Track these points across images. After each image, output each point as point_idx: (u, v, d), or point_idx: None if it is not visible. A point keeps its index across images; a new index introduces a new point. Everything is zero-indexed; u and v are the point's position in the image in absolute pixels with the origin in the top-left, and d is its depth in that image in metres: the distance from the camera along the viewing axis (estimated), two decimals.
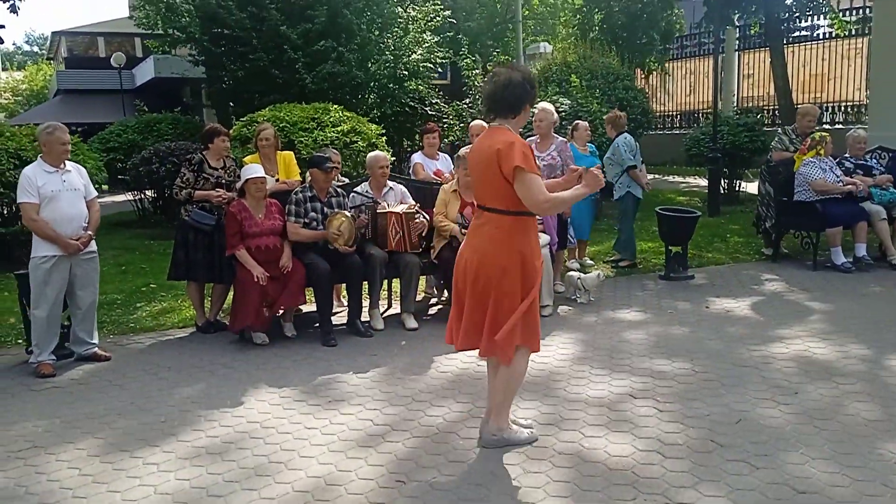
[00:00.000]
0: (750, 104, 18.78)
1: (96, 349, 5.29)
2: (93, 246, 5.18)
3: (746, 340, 5.18)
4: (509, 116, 3.51)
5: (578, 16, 21.17)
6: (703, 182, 13.01)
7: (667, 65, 20.91)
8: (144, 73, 27.69)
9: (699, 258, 7.97)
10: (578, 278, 6.44)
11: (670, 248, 7.21)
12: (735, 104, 19.02)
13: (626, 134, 7.72)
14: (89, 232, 5.13)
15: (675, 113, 21.21)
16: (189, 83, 23.57)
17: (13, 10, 15.93)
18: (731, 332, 5.39)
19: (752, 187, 12.12)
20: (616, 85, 12.97)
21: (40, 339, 5.00)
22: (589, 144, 7.69)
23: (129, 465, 3.60)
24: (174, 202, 5.94)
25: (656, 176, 17.30)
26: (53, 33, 37.60)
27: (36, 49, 66.89)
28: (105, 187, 10.00)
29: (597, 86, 12.59)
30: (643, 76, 20.33)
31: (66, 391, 4.68)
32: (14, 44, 69.59)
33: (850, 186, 7.18)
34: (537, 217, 3.83)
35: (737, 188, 12.48)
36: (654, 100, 21.08)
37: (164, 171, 10.86)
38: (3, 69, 51.97)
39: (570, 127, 7.69)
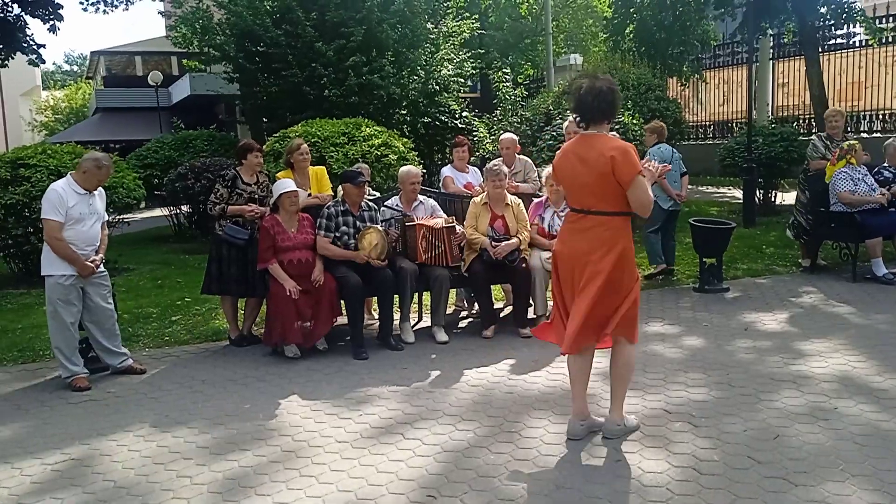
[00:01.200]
0: (785, 113, 18.52)
1: (131, 362, 5.37)
2: (102, 267, 5.25)
3: (784, 355, 5.08)
4: (604, 123, 3.72)
5: (610, 27, 21.10)
6: (738, 193, 12.82)
7: (692, 77, 20.71)
8: (181, 90, 28.23)
9: (734, 270, 7.84)
10: None
11: (705, 260, 7.11)
12: (770, 114, 18.77)
13: (662, 144, 7.63)
14: (101, 255, 5.22)
15: (708, 123, 20.98)
16: (224, 100, 23.94)
17: (52, 30, 16.43)
18: (767, 346, 5.29)
19: (788, 198, 11.93)
20: (648, 96, 12.89)
21: (65, 354, 5.07)
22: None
23: (164, 479, 3.63)
24: (209, 217, 6.03)
25: (690, 187, 17.10)
26: (92, 53, 38.54)
27: (75, 68, 68.66)
28: (143, 203, 10.17)
29: (628, 97, 12.51)
30: (680, 85, 20.15)
31: (103, 404, 4.76)
32: (54, 63, 71.59)
33: (879, 197, 7.01)
34: None
35: (772, 199, 12.28)
36: (688, 110, 20.88)
37: (200, 187, 11.04)
38: (44, 88, 53.39)
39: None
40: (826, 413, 4.03)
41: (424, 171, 11.86)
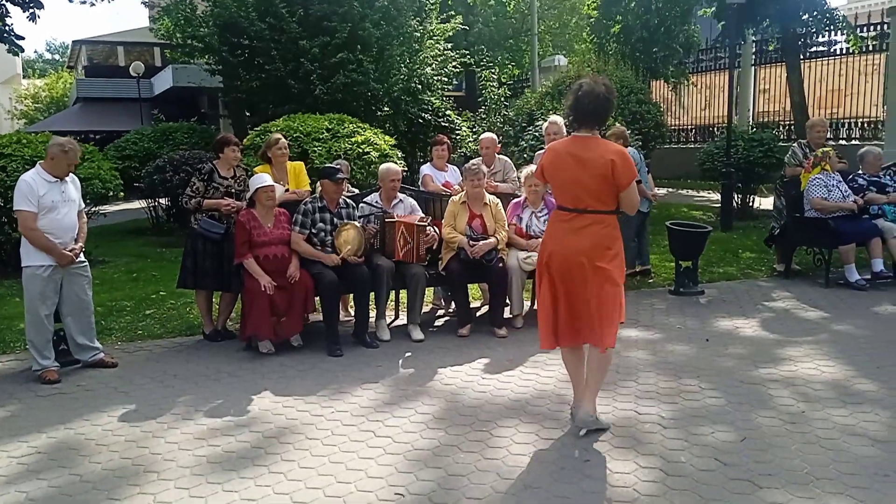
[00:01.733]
0: (766, 119, 18.68)
1: (102, 355, 5.32)
2: (81, 255, 5.19)
3: (755, 359, 5.12)
4: (595, 127, 3.83)
5: (595, 28, 21.19)
6: (717, 197, 12.94)
7: (682, 79, 20.85)
8: (163, 82, 27.93)
9: (710, 273, 7.91)
10: None
11: (680, 263, 7.16)
12: (751, 119, 18.94)
13: (630, 148, 7.68)
14: (80, 244, 5.16)
15: (690, 127, 21.13)
16: (206, 93, 23.76)
17: (32, 18, 16.20)
18: (739, 350, 5.33)
19: (766, 203, 12.05)
20: (630, 98, 12.95)
21: (37, 346, 5.01)
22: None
23: (129, 474, 3.60)
24: (186, 211, 5.98)
25: (670, 190, 17.25)
26: (74, 42, 38.09)
27: (57, 57, 67.84)
28: (122, 194, 10.06)
29: None
30: (669, 88, 20.27)
31: (72, 397, 4.70)
32: (35, 52, 70.68)
33: (850, 204, 7.10)
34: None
35: (750, 203, 12.39)
36: (669, 114, 21.02)
37: (178, 180, 10.94)
38: (25, 77, 52.71)
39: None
40: (794, 417, 4.07)
41: (406, 169, 11.83)
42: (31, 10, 15.98)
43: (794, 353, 5.22)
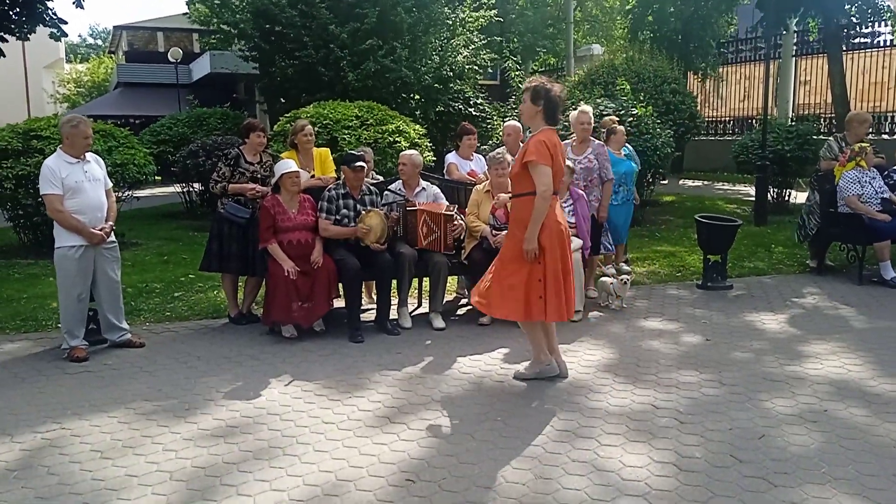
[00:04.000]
0: (806, 111, 18.28)
1: (129, 336, 5.43)
2: (111, 235, 5.28)
3: (780, 355, 5.04)
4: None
5: (630, 17, 20.90)
6: (752, 190, 12.71)
7: (721, 69, 20.49)
8: (201, 68, 28.30)
9: (740, 268, 7.78)
10: (611, 283, 6.34)
11: (709, 256, 7.06)
12: (791, 111, 18.54)
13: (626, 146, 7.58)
14: (110, 223, 5.25)
15: (728, 118, 20.77)
16: (242, 79, 24.03)
17: (78, 5, 16.48)
18: (764, 346, 5.25)
19: (802, 197, 11.79)
20: (663, 88, 12.77)
21: (70, 326, 5.13)
22: (626, 147, 7.51)
23: (150, 451, 3.68)
24: (215, 195, 6.06)
25: (705, 183, 16.98)
26: (115, 27, 38.70)
27: (99, 42, 69.01)
28: (153, 178, 10.23)
29: (643, 89, 12.39)
30: (698, 80, 19.94)
31: (98, 375, 4.82)
32: (79, 36, 71.99)
33: (882, 215, 6.89)
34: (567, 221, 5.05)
35: (786, 197, 12.15)
36: (707, 105, 20.68)
37: (211, 165, 11.04)
38: (68, 61, 53.71)
39: (603, 130, 7.55)
40: (815, 415, 4.00)
41: (435, 158, 11.82)
42: None
43: (820, 350, 5.12)
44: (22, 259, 8.74)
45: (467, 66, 15.72)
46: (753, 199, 11.79)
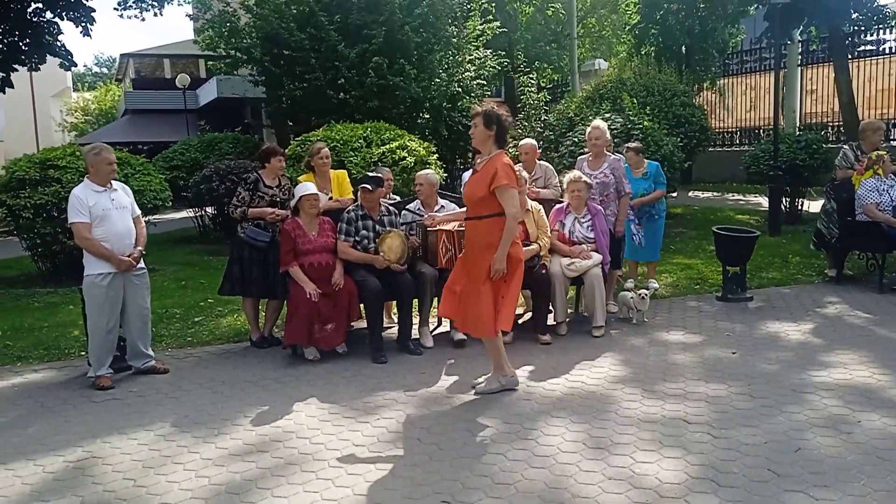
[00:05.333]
0: (813, 120, 18.28)
1: (154, 362, 5.44)
2: (142, 262, 5.32)
3: (807, 365, 5.00)
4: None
5: (635, 31, 21.00)
6: (763, 200, 12.70)
7: (726, 80, 20.55)
8: (208, 93, 28.50)
9: (758, 279, 7.74)
10: (631, 298, 6.33)
11: (728, 268, 7.03)
12: (798, 121, 18.55)
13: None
14: (139, 248, 5.28)
15: (734, 129, 20.78)
16: (250, 103, 24.16)
17: (86, 33, 16.69)
18: (790, 357, 5.21)
19: (815, 206, 11.76)
20: (673, 101, 12.79)
21: (97, 355, 5.14)
22: (650, 163, 7.44)
23: (181, 478, 3.67)
24: (232, 220, 6.09)
25: (715, 194, 16.97)
26: (122, 55, 39.09)
27: (105, 70, 69.66)
28: (169, 204, 10.29)
29: (653, 102, 12.42)
30: (702, 91, 19.99)
31: (124, 403, 4.82)
32: (85, 65, 72.65)
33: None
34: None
35: (798, 207, 12.12)
36: (714, 116, 20.71)
37: (224, 189, 11.16)
38: (75, 90, 54.23)
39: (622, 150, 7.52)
40: (849, 426, 3.96)
41: (447, 175, 11.85)
42: (83, 25, 16.48)
43: (847, 359, 5.08)
44: (41, 288, 8.78)
45: (474, 81, 15.78)
46: (765, 209, 11.78)
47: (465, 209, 4.93)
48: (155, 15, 18.20)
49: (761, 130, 19.31)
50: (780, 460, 3.58)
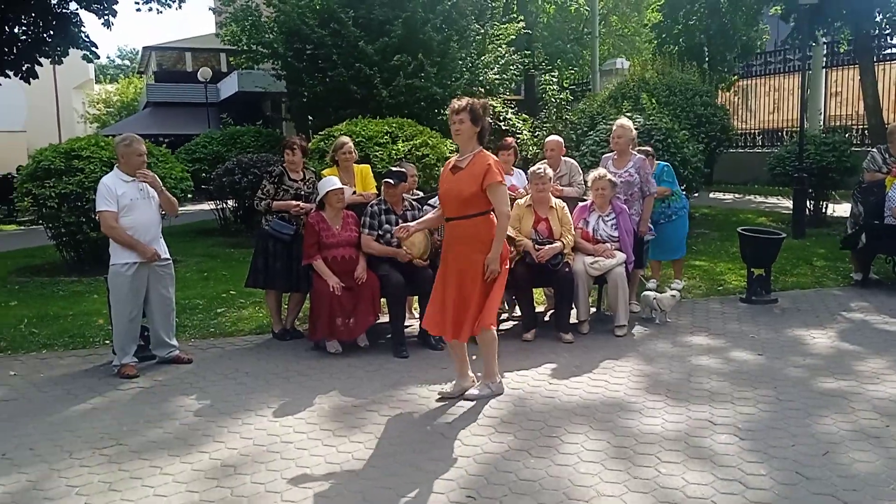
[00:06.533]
0: (838, 123, 18.09)
1: (178, 352, 5.47)
2: (166, 252, 5.35)
3: (834, 369, 4.95)
4: None
5: (656, 31, 20.88)
6: (787, 202, 12.57)
7: (749, 81, 20.37)
8: (229, 87, 28.70)
9: (782, 282, 7.67)
10: (654, 298, 6.29)
11: (752, 270, 6.97)
12: (822, 123, 18.36)
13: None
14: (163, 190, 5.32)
15: (757, 131, 20.61)
16: (269, 97, 24.28)
17: (107, 25, 16.83)
18: (817, 362, 5.15)
19: (839, 210, 11.65)
20: (694, 101, 12.70)
21: (122, 344, 5.19)
22: (658, 163, 7.37)
23: (206, 467, 3.69)
24: (254, 212, 6.11)
25: (737, 196, 16.84)
26: (144, 48, 39.36)
27: (127, 63, 70.21)
28: (190, 196, 10.35)
29: (674, 102, 12.33)
30: (723, 92, 19.84)
31: (150, 391, 4.86)
32: (108, 57, 73.31)
33: None
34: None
35: (823, 210, 11.99)
36: (736, 117, 20.55)
37: (246, 182, 11.22)
38: (97, 82, 54.70)
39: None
40: (878, 431, 3.92)
41: None
42: (105, 17, 16.63)
43: (875, 365, 5.02)
44: (65, 277, 8.87)
45: (497, 81, 15.75)
46: (788, 211, 11.67)
47: (436, 212, 4.73)
48: (176, 7, 18.27)
49: (784, 132, 19.14)
50: (808, 463, 3.55)
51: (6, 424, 4.31)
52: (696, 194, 12.86)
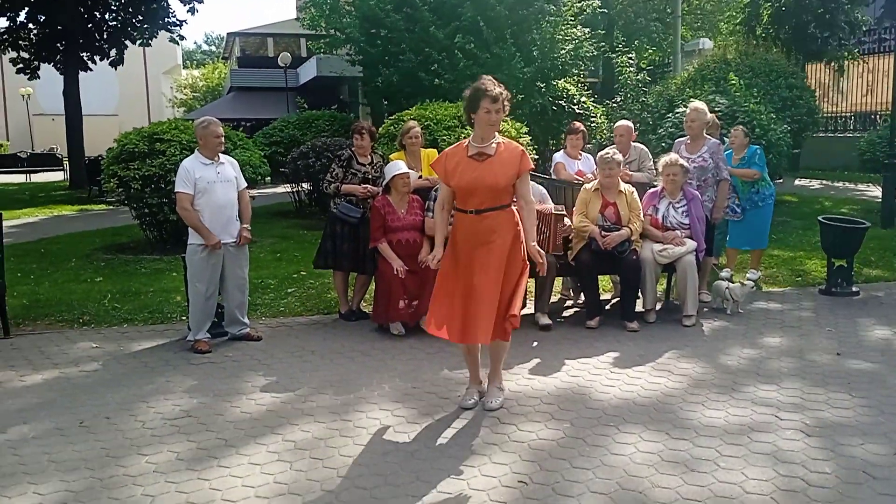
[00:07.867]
0: None
1: (248, 330, 5.67)
2: (237, 237, 5.49)
3: None
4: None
5: (746, 10, 20.06)
6: (877, 191, 11.93)
7: (844, 63, 19.36)
8: (308, 72, 29.25)
9: (865, 274, 7.31)
10: (726, 287, 6.11)
11: (833, 260, 6.67)
12: None
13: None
14: (246, 226, 5.52)
15: (849, 114, 19.60)
16: (346, 82, 24.62)
17: (192, 11, 17.43)
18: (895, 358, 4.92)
19: None
20: (779, 83, 12.18)
21: (196, 320, 5.41)
22: (750, 146, 7.08)
23: (269, 441, 3.82)
24: (327, 195, 6.25)
25: (824, 182, 16.09)
26: (229, 34, 40.54)
27: (213, 48, 72.51)
28: (268, 179, 10.65)
29: (758, 84, 11.86)
30: (834, 69, 18.88)
31: (220, 367, 5.05)
32: (195, 43, 75.92)
33: None
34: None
35: None
36: (826, 100, 19.59)
37: (320, 166, 11.45)
38: (184, 67, 56.70)
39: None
40: None
41: (537, 156, 11.72)
42: (190, 3, 17.22)
43: None
44: (148, 255, 9.29)
45: (570, 62, 15.46)
46: (878, 199, 11.08)
47: (443, 215, 4.22)
48: None
49: (877, 116, 18.13)
50: (877, 463, 3.40)
51: (86, 394, 4.57)
52: (780, 180, 12.37)
